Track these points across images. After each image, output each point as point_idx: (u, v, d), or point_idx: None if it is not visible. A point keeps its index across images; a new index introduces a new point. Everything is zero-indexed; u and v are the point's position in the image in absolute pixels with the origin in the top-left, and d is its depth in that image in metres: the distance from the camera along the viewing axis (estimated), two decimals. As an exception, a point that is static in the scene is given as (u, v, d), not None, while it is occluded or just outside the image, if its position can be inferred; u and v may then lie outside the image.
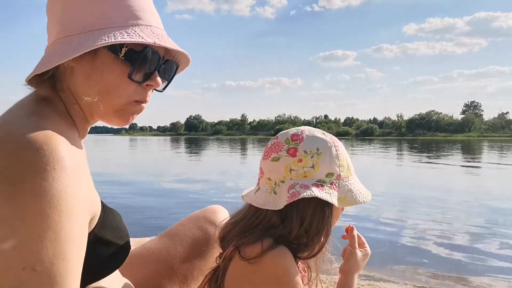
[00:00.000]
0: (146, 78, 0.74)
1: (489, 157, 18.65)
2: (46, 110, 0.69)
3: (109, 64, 0.70)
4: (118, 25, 0.70)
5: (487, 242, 3.85)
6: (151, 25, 0.73)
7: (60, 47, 0.69)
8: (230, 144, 36.29)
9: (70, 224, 0.57)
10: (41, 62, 0.71)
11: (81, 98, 0.73)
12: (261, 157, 1.01)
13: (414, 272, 3.02)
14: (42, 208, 0.54)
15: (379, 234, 4.04)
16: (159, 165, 12.35)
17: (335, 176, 0.94)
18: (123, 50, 0.69)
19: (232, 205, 1.13)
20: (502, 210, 5.42)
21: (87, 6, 0.70)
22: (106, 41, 0.66)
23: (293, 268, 0.89)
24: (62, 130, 0.66)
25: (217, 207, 1.28)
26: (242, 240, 0.94)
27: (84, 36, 0.68)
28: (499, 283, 2.86)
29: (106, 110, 0.74)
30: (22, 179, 0.54)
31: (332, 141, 0.97)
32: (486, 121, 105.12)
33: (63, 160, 0.59)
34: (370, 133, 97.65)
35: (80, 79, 0.72)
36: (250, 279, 0.91)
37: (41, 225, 0.53)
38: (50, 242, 0.54)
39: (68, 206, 0.57)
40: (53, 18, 0.73)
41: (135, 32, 0.69)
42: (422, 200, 6.19)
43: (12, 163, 0.55)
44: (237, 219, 1.02)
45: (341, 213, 1.02)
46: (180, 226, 1.21)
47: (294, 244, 0.93)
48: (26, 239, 0.53)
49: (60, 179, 0.57)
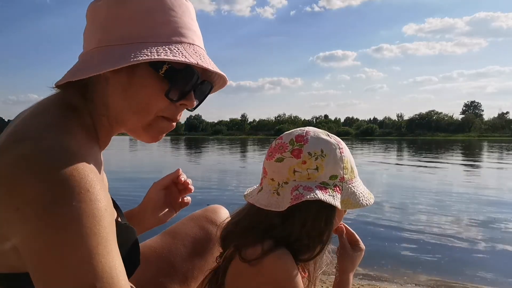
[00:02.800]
0: (182, 97, 0.73)
1: (489, 157, 18.63)
2: (71, 122, 0.67)
3: (147, 80, 0.69)
4: (161, 41, 0.68)
5: (488, 242, 3.85)
6: (194, 44, 0.72)
7: (100, 56, 0.67)
8: (230, 144, 36.27)
9: (113, 237, 0.59)
10: (77, 68, 0.69)
11: (111, 110, 0.72)
12: (265, 157, 1.01)
13: (414, 272, 3.02)
14: (88, 227, 0.55)
15: (379, 234, 4.04)
16: (159, 165, 12.34)
17: (338, 179, 0.94)
18: (164, 67, 0.68)
19: (233, 205, 1.13)
20: (503, 210, 5.42)
21: (131, 18, 0.68)
22: (149, 57, 0.64)
23: (294, 270, 0.89)
24: (85, 146, 0.65)
25: (218, 207, 1.28)
26: (243, 241, 0.94)
27: (126, 48, 0.66)
28: (499, 283, 2.86)
29: (135, 124, 0.74)
30: (60, 205, 0.54)
31: (336, 143, 0.96)
32: (486, 121, 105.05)
33: (94, 181, 0.59)
34: (370, 133, 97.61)
35: (114, 91, 0.70)
36: (251, 281, 0.90)
37: (92, 243, 0.54)
38: (104, 257, 0.55)
39: (109, 222, 0.59)
40: (94, 25, 0.71)
41: (178, 50, 0.67)
42: (422, 200, 6.18)
43: (45, 189, 0.54)
44: (238, 219, 1.02)
45: (343, 215, 1.02)
46: (181, 225, 1.21)
47: (295, 246, 0.93)
48: (82, 259, 0.53)
49: (97, 199, 0.58)
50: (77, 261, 0.53)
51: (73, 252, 0.53)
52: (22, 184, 0.55)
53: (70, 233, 0.54)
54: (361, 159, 15.59)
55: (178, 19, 0.71)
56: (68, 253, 0.53)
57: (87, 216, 0.55)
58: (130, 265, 0.81)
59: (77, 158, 0.60)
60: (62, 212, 0.54)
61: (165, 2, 0.70)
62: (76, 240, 0.54)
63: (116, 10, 0.69)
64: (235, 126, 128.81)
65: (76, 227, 0.54)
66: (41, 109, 0.69)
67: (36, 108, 0.70)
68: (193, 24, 0.74)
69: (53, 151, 0.58)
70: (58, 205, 0.54)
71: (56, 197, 0.54)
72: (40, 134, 0.61)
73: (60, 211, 0.54)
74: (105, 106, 0.72)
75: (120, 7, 0.69)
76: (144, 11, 0.69)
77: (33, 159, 0.56)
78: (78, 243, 0.54)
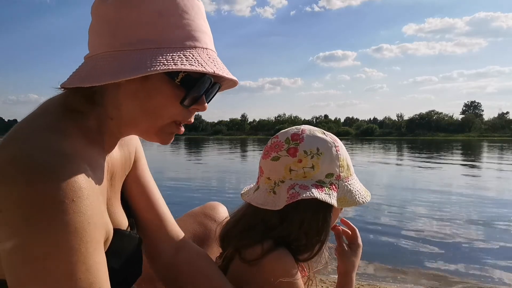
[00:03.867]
0: (194, 102, 0.72)
1: (490, 157, 18.61)
2: (68, 123, 0.66)
3: (162, 87, 0.67)
4: (175, 46, 0.66)
5: (489, 242, 3.84)
6: (207, 48, 0.70)
7: (113, 63, 0.64)
8: (230, 144, 36.26)
9: (97, 252, 0.58)
10: (88, 73, 0.65)
11: (123, 114, 0.71)
12: (261, 156, 1.01)
13: (415, 272, 3.02)
14: (68, 242, 0.53)
15: (379, 234, 4.03)
16: (159, 165, 12.33)
17: (334, 177, 0.94)
18: (179, 76, 0.66)
19: (231, 203, 1.13)
20: (504, 210, 5.42)
21: (143, 21, 0.65)
22: (166, 66, 0.61)
23: (293, 270, 0.89)
24: (82, 149, 0.63)
25: (216, 204, 1.29)
26: (242, 241, 0.94)
27: (140, 54, 0.63)
28: (501, 283, 2.86)
29: (147, 128, 0.73)
30: (41, 215, 0.52)
31: (332, 141, 0.96)
32: (486, 121, 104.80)
33: (81, 190, 0.57)
34: (370, 133, 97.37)
35: (126, 96, 0.69)
36: (251, 280, 0.91)
37: (70, 259, 0.53)
38: (83, 273, 0.54)
39: (92, 236, 0.57)
40: (102, 27, 0.67)
41: (193, 57, 0.65)
42: (422, 200, 6.18)
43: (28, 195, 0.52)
44: (237, 219, 1.02)
45: (340, 213, 1.02)
46: (180, 222, 1.21)
47: (294, 246, 0.93)
48: (59, 276, 0.52)
49: (81, 211, 0.55)
50: (54, 277, 0.52)
51: (51, 267, 0.52)
52: (7, 186, 0.53)
53: (49, 247, 0.52)
54: (361, 159, 15.57)
55: (191, 21, 0.68)
56: (45, 268, 0.52)
57: (68, 230, 0.53)
58: (130, 274, 0.81)
59: (68, 161, 0.58)
60: (42, 224, 0.52)
61: (178, 4, 0.67)
62: (55, 254, 0.52)
63: (126, 12, 0.65)
64: (235, 126, 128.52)
65: (56, 240, 0.52)
66: (40, 110, 0.68)
67: (36, 110, 0.68)
68: (205, 26, 0.72)
69: (42, 153, 0.56)
70: (39, 215, 0.52)
71: (38, 206, 0.52)
72: (30, 136, 0.59)
73: (41, 223, 0.52)
74: (116, 110, 0.70)
75: (131, 9, 0.65)
76: (156, 14, 0.65)
77: (20, 161, 0.55)
78: (56, 258, 0.52)
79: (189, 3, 0.69)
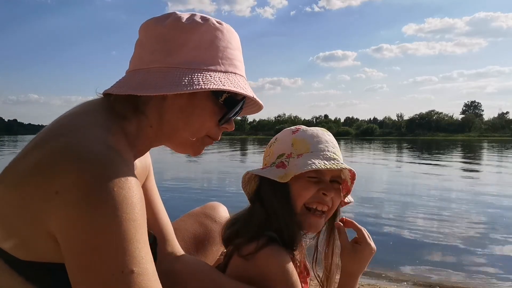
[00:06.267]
0: (228, 121, 0.81)
1: (490, 157, 18.63)
2: (116, 125, 0.71)
3: (207, 104, 0.76)
4: (220, 70, 0.75)
5: (489, 242, 3.86)
6: (243, 76, 0.80)
7: (166, 77, 0.70)
8: (230, 144, 36.30)
9: (146, 225, 0.62)
10: (140, 84, 0.71)
11: (162, 124, 0.76)
12: None
13: (415, 272, 3.03)
14: (128, 214, 0.57)
15: (379, 234, 4.05)
16: (159, 165, 12.36)
17: (285, 156, 1.00)
18: (223, 96, 0.76)
19: (231, 203, 1.15)
20: (505, 210, 5.42)
21: (197, 46, 0.74)
22: (217, 86, 0.70)
23: (286, 264, 0.91)
24: (124, 149, 0.68)
25: (216, 204, 1.31)
26: (241, 239, 0.97)
27: (192, 73, 0.71)
28: (500, 282, 2.86)
29: (185, 139, 0.79)
30: (99, 190, 0.56)
31: (295, 128, 1.06)
32: (486, 121, 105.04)
33: (131, 181, 0.61)
34: (370, 133, 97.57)
35: (171, 108, 0.75)
36: (246, 274, 0.92)
37: (129, 229, 0.56)
38: (140, 243, 0.57)
39: (144, 211, 0.62)
40: (157, 45, 0.74)
41: (236, 81, 0.75)
42: (422, 200, 6.20)
43: (85, 176, 0.56)
44: (236, 218, 1.06)
45: (312, 188, 0.97)
46: (181, 222, 1.23)
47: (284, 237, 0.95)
48: (119, 247, 0.55)
49: (133, 187, 0.60)
50: (115, 247, 0.55)
51: (112, 237, 0.55)
52: (63, 170, 0.57)
53: (109, 219, 0.55)
54: (361, 158, 15.58)
55: (233, 51, 0.79)
56: (106, 239, 0.55)
57: (126, 203, 0.57)
58: None
59: (116, 154, 0.63)
60: (101, 198, 0.56)
61: (225, 35, 0.78)
62: (115, 226, 0.55)
63: (183, 36, 0.74)
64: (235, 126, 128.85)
65: (115, 212, 0.56)
66: (90, 109, 0.72)
67: (83, 107, 0.73)
68: (241, 56, 0.82)
69: (94, 144, 0.61)
70: (97, 190, 0.56)
71: (96, 182, 0.56)
72: (81, 129, 0.64)
73: (99, 197, 0.55)
74: (157, 119, 0.76)
75: (187, 34, 0.74)
76: (208, 41, 0.75)
77: (76, 149, 0.59)
78: (116, 229, 0.55)
79: (232, 35, 0.80)
